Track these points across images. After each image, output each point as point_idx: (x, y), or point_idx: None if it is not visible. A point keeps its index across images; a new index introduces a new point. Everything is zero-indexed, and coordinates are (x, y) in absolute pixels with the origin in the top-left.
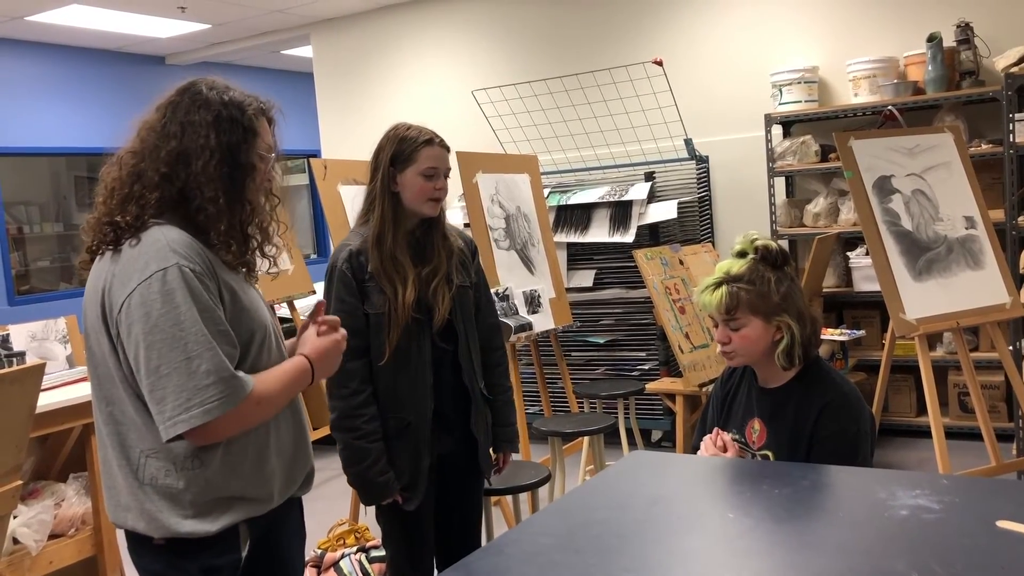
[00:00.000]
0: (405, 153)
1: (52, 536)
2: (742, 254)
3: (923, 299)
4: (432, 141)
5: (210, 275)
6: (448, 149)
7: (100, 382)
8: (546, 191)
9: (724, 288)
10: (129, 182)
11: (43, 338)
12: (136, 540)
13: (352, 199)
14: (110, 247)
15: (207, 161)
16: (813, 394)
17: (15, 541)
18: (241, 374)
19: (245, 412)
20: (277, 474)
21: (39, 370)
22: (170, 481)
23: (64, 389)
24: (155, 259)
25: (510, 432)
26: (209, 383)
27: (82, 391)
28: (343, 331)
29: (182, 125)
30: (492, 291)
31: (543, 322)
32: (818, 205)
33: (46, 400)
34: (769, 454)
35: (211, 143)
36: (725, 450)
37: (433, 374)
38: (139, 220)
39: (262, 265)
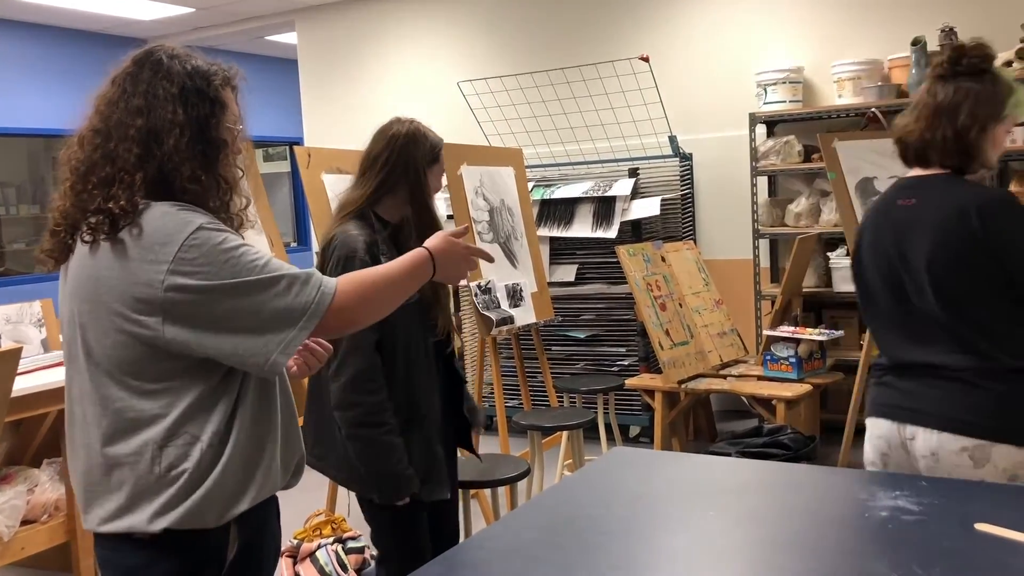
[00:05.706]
0: (434, 152)
1: (25, 522)
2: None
3: None
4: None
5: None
6: None
7: (99, 379)
8: (530, 185)
9: None
10: (103, 164)
11: (17, 321)
12: (115, 538)
13: (334, 187)
14: (104, 236)
15: (178, 138)
16: None
17: None
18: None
19: (363, 285)
20: (278, 462)
21: (15, 354)
22: (188, 465)
23: (39, 374)
24: (178, 228)
25: (476, 410)
26: (304, 279)
27: (58, 376)
28: (480, 248)
29: (146, 98)
30: (475, 284)
31: (524, 316)
32: (800, 205)
33: (20, 384)
34: None
35: (179, 118)
36: None
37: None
38: (131, 203)
39: None
